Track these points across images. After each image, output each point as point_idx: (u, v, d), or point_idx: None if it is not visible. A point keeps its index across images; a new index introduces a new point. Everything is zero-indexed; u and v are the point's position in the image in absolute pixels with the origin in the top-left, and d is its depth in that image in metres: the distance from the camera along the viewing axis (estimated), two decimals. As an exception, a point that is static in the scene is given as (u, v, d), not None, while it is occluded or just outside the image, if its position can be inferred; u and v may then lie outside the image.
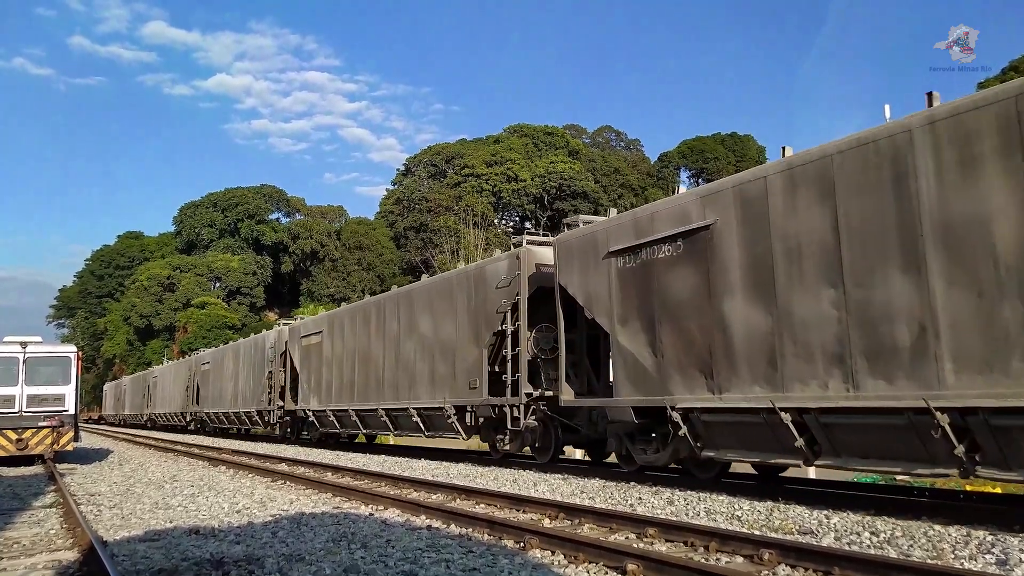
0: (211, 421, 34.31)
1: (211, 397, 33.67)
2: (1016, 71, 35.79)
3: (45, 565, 6.56)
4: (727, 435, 9.49)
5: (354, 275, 74.77)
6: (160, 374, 45.47)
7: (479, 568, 5.91)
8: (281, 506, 9.80)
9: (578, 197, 69.73)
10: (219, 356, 33.66)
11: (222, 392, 32.02)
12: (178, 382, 39.58)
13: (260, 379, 27.24)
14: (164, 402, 42.80)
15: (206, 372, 34.62)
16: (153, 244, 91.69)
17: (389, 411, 17.96)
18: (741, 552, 6.18)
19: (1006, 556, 5.69)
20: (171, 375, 42.01)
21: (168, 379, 42.56)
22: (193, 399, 36.01)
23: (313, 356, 22.95)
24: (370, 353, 19.30)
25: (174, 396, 40.27)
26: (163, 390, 43.49)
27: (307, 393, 22.93)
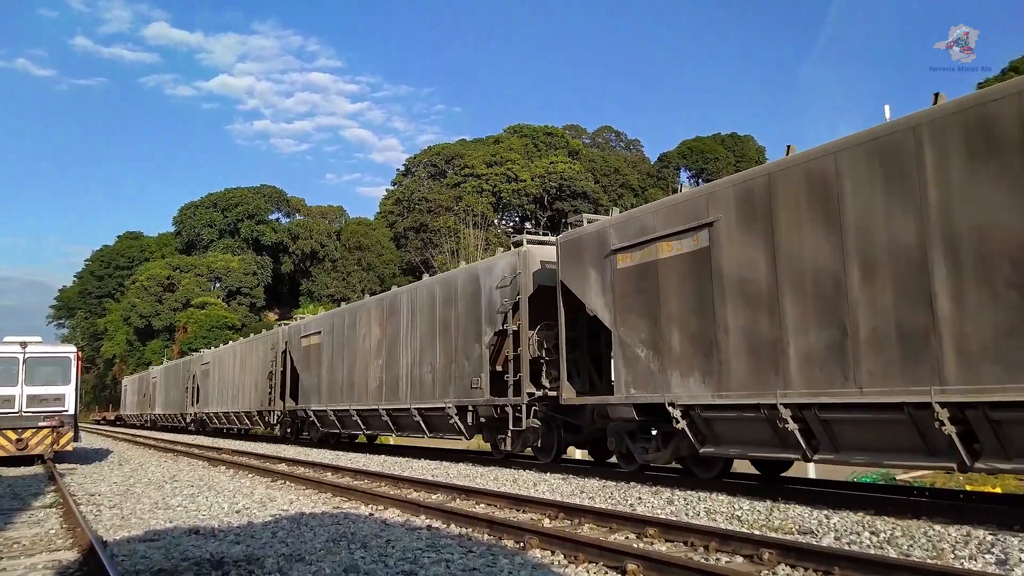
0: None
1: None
2: (1016, 71, 35.79)
3: (45, 565, 6.56)
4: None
5: (354, 275, 74.77)
6: (215, 360, 33.77)
7: (479, 568, 5.91)
8: (281, 506, 9.80)
9: (578, 197, 69.71)
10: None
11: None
12: (247, 369, 28.79)
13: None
14: (224, 398, 31.63)
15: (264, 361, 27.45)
16: (153, 244, 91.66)
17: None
18: (741, 552, 6.18)
19: (1006, 556, 5.68)
20: (235, 359, 30.67)
21: (229, 366, 31.27)
22: (276, 394, 25.54)
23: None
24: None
25: (241, 389, 29.37)
26: (221, 381, 32.41)
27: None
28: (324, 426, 22.11)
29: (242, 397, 28.81)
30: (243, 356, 29.33)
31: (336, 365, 21.09)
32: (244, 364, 29.01)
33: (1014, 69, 37.97)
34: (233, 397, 29.96)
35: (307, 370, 23.08)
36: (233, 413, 29.84)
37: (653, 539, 6.92)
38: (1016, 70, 37.00)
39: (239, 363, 29.65)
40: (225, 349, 33.34)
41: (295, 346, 24.29)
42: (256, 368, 27.47)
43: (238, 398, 29.27)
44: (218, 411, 31.94)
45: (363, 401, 19.20)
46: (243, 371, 28.97)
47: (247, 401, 28.11)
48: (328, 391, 21.35)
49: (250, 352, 28.61)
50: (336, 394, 20.81)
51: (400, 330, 17.75)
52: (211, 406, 33.06)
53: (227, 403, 30.72)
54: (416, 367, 16.83)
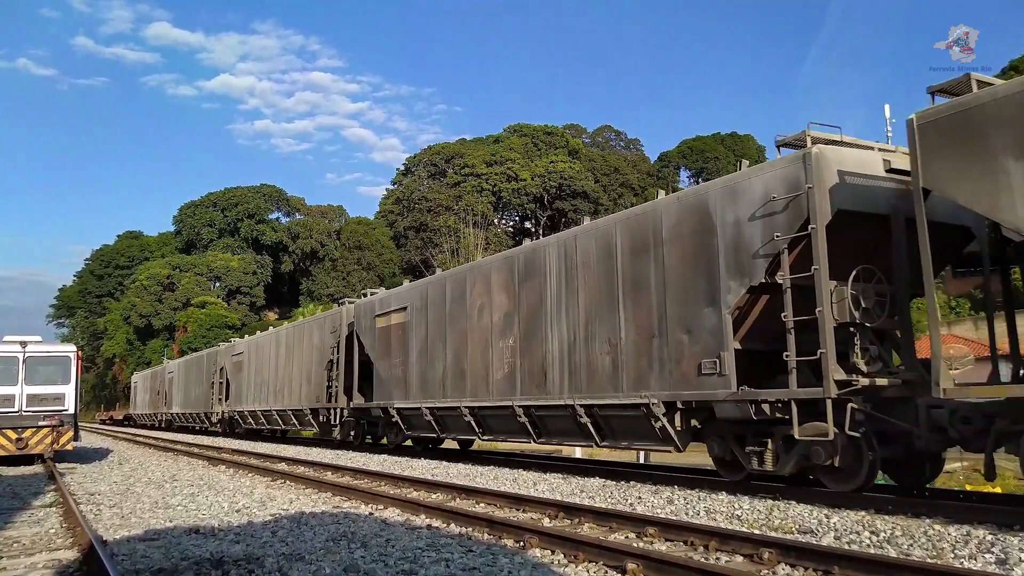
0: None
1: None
2: (1016, 71, 35.80)
3: (45, 564, 6.56)
4: None
5: (354, 275, 74.77)
6: (252, 349, 29.17)
7: (479, 567, 5.91)
8: (281, 505, 9.80)
9: (578, 197, 69.70)
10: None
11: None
12: (296, 358, 24.21)
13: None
14: (263, 394, 26.96)
15: None
16: (153, 244, 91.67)
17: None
18: (741, 551, 6.18)
19: (1006, 555, 5.69)
20: (278, 348, 26.09)
21: (271, 356, 26.61)
22: (339, 388, 21.03)
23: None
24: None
25: (287, 383, 24.58)
26: (259, 375, 27.63)
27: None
28: (412, 428, 17.67)
29: (288, 392, 24.36)
30: (290, 343, 25.00)
31: (434, 349, 16.22)
32: (291, 353, 24.80)
33: (1014, 68, 37.99)
34: (276, 392, 25.58)
35: (386, 357, 18.16)
36: (276, 412, 25.42)
37: (653, 538, 6.92)
38: (1016, 70, 37.00)
39: (284, 352, 25.44)
40: (265, 336, 28.77)
41: (366, 328, 19.38)
42: (308, 357, 23.04)
43: (283, 394, 24.89)
44: (254, 409, 27.50)
45: (480, 396, 14.53)
46: (289, 361, 24.85)
47: (295, 397, 23.67)
48: (420, 384, 16.68)
49: (300, 338, 24.15)
50: (433, 387, 16.15)
51: (546, 298, 12.91)
52: (245, 403, 28.75)
53: (267, 400, 26.34)
54: (579, 347, 12.04)
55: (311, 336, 23.33)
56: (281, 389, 25.18)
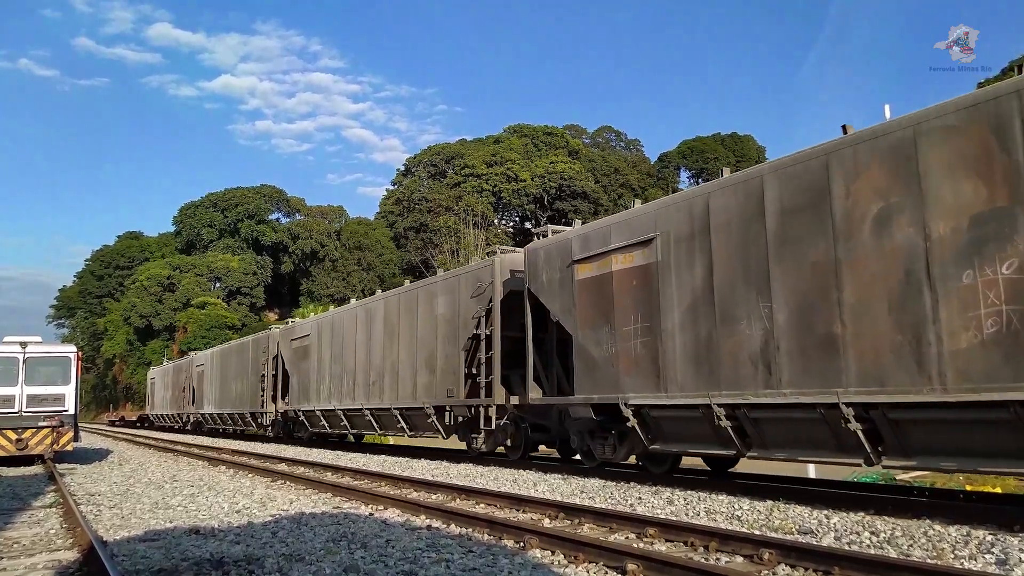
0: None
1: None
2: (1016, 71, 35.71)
3: (45, 565, 6.56)
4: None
5: (354, 275, 74.80)
6: (326, 330, 22.56)
7: (479, 568, 5.90)
8: (281, 506, 9.80)
9: (578, 197, 69.73)
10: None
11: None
12: (410, 337, 17.70)
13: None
14: (348, 388, 20.54)
15: None
16: (153, 244, 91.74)
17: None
18: (741, 552, 6.18)
19: (1006, 556, 5.68)
20: (369, 325, 19.86)
21: (358, 338, 20.36)
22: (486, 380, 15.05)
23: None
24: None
25: (391, 372, 18.32)
26: (338, 362, 21.36)
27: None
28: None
29: (392, 385, 18.04)
30: (393, 317, 18.35)
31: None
32: (397, 330, 18.07)
33: (1014, 68, 37.91)
34: (369, 386, 19.15)
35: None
36: (371, 411, 18.99)
37: (653, 539, 6.91)
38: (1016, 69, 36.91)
39: (382, 329, 18.85)
40: (344, 312, 21.66)
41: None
42: (431, 333, 16.67)
43: (380, 387, 18.59)
44: (331, 408, 21.19)
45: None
46: (392, 342, 18.23)
47: (405, 390, 17.37)
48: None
49: (413, 308, 17.45)
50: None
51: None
52: (314, 400, 22.55)
53: (350, 395, 20.34)
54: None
55: (435, 304, 16.53)
56: (377, 381, 18.75)
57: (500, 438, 14.94)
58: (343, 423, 20.92)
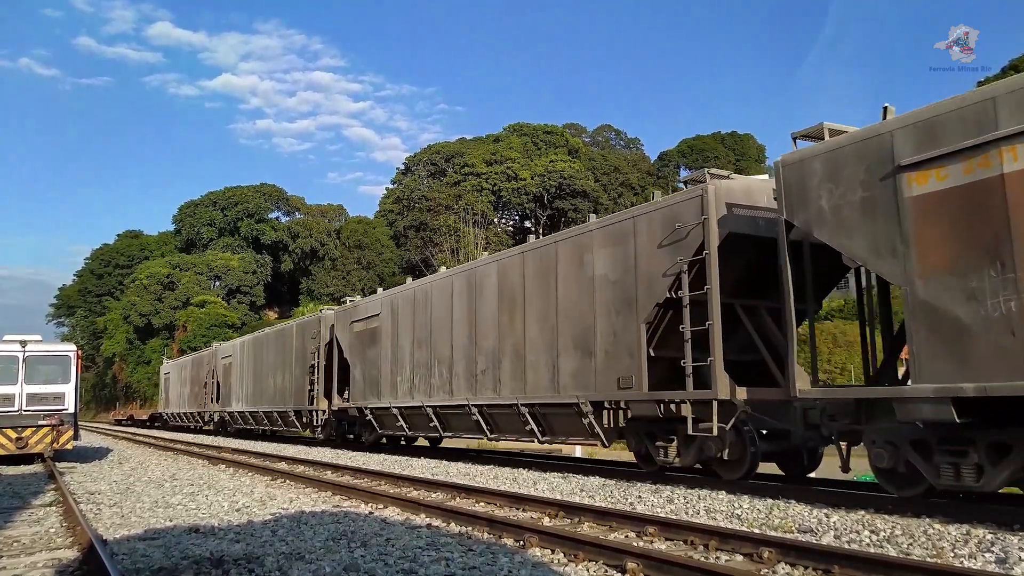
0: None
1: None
2: (1016, 70, 35.79)
3: (45, 563, 6.56)
4: None
5: (354, 274, 74.79)
6: (401, 307, 18.14)
7: (479, 567, 5.91)
8: (281, 504, 9.80)
9: (578, 196, 69.71)
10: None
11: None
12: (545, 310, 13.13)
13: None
14: (437, 378, 16.27)
15: None
16: (153, 243, 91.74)
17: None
18: (741, 551, 6.18)
19: (1006, 554, 5.69)
20: (470, 295, 15.37)
21: (455, 314, 15.83)
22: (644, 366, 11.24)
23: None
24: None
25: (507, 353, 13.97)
26: (423, 350, 16.97)
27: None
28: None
29: (533, 373, 13.14)
30: (513, 283, 13.88)
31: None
32: (520, 302, 13.61)
33: (1014, 68, 37.98)
34: (472, 377, 14.78)
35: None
36: (478, 408, 14.57)
37: (653, 538, 6.92)
38: (1016, 69, 36.99)
39: (493, 298, 14.42)
40: (435, 282, 16.90)
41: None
42: (575, 302, 12.31)
43: (490, 376, 14.22)
44: (413, 405, 16.78)
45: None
46: (514, 316, 13.77)
47: (540, 379, 12.93)
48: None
49: (548, 270, 13.02)
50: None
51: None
52: (385, 396, 18.13)
53: (440, 389, 15.90)
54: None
55: (588, 260, 12.01)
56: (489, 369, 14.28)
57: (712, 448, 10.12)
58: (432, 423, 16.15)
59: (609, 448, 12.85)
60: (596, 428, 11.61)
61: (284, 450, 20.77)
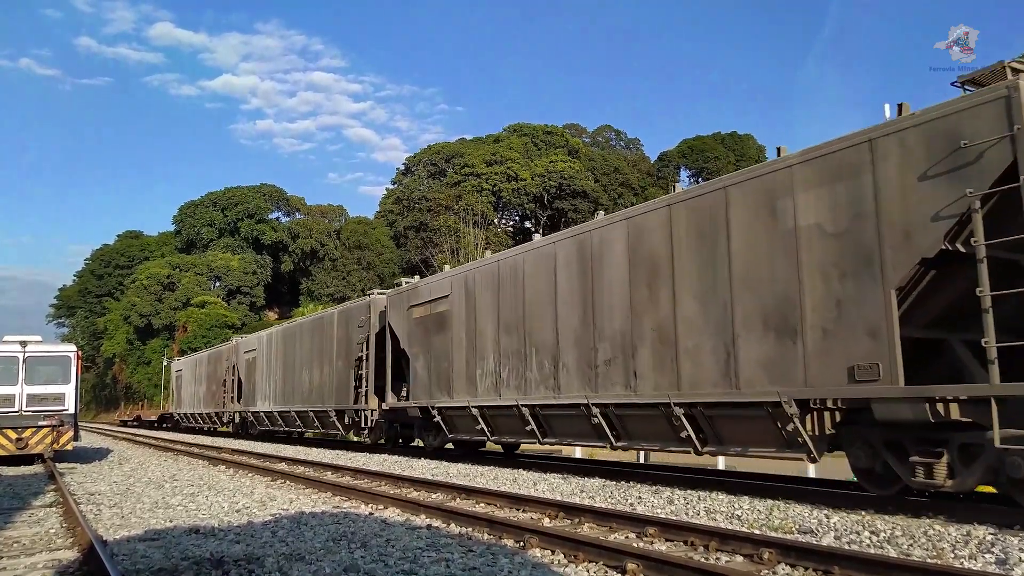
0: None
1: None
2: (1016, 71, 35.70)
3: (45, 564, 6.56)
4: None
5: (354, 274, 74.79)
6: (483, 280, 14.78)
7: (479, 567, 5.91)
8: (281, 505, 9.80)
9: (578, 196, 69.70)
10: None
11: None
12: None
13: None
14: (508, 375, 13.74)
15: None
16: (153, 243, 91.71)
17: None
18: (741, 551, 6.18)
19: (1006, 555, 5.68)
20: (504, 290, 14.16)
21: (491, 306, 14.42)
22: None
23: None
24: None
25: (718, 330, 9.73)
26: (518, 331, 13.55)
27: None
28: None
29: (696, 359, 10.05)
30: (709, 232, 9.93)
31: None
32: (692, 265, 10.41)
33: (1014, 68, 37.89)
34: (595, 369, 11.74)
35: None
36: (606, 408, 11.46)
37: (653, 538, 6.92)
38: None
39: (647, 270, 10.94)
40: (533, 251, 13.61)
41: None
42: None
43: (643, 365, 10.83)
44: (516, 402, 13.28)
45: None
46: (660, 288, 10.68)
47: (721, 367, 9.81)
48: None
49: (751, 212, 9.74)
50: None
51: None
52: (466, 392, 15.05)
53: (566, 384, 12.32)
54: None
55: (779, 206, 8.91)
56: (613, 359, 11.27)
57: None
58: (528, 426, 13.11)
59: (817, 461, 9.00)
60: (802, 436, 8.41)
61: (284, 451, 20.76)
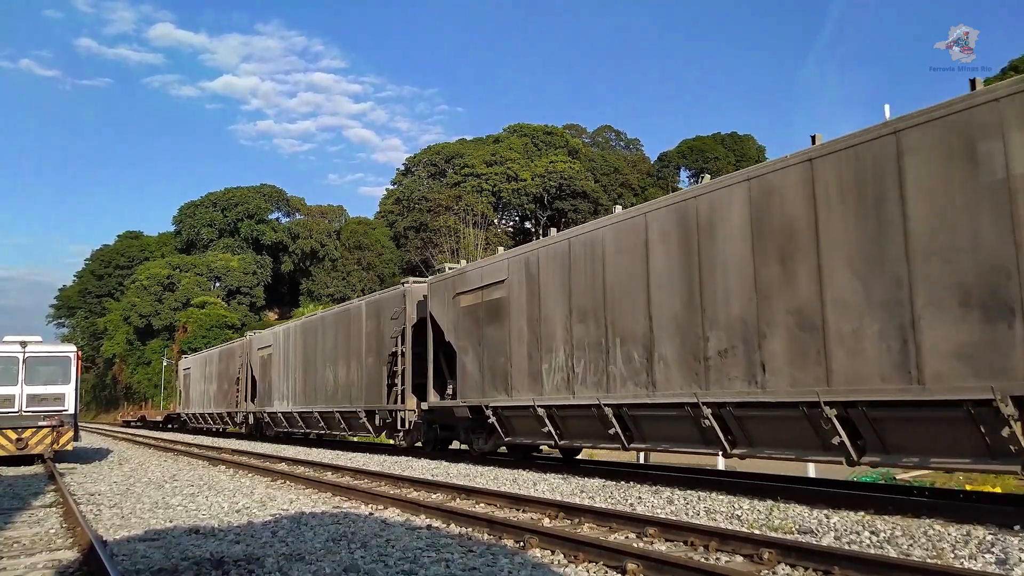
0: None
1: None
2: (1016, 70, 35.81)
3: (45, 564, 6.56)
4: None
5: (354, 275, 74.82)
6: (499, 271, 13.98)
7: (479, 567, 5.91)
8: (281, 505, 9.80)
9: (578, 196, 69.73)
10: None
11: None
12: None
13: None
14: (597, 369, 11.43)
15: None
16: (153, 244, 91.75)
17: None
18: (741, 551, 6.18)
19: (1006, 555, 5.68)
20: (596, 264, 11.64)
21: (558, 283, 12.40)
22: None
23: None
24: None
25: None
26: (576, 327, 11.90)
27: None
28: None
29: None
30: None
31: None
32: None
33: (1014, 68, 37.98)
34: (755, 354, 9.03)
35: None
36: (715, 407, 9.41)
37: (653, 539, 6.91)
38: (1016, 69, 37.01)
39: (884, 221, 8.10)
40: (578, 235, 12.20)
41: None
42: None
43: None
44: (570, 403, 11.97)
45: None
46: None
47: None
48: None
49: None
50: None
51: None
52: (530, 387, 12.94)
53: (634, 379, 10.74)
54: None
55: (982, 150, 6.89)
56: (730, 349, 9.35)
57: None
58: (612, 429, 11.02)
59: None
60: (1020, 442, 6.65)
61: (284, 451, 20.73)
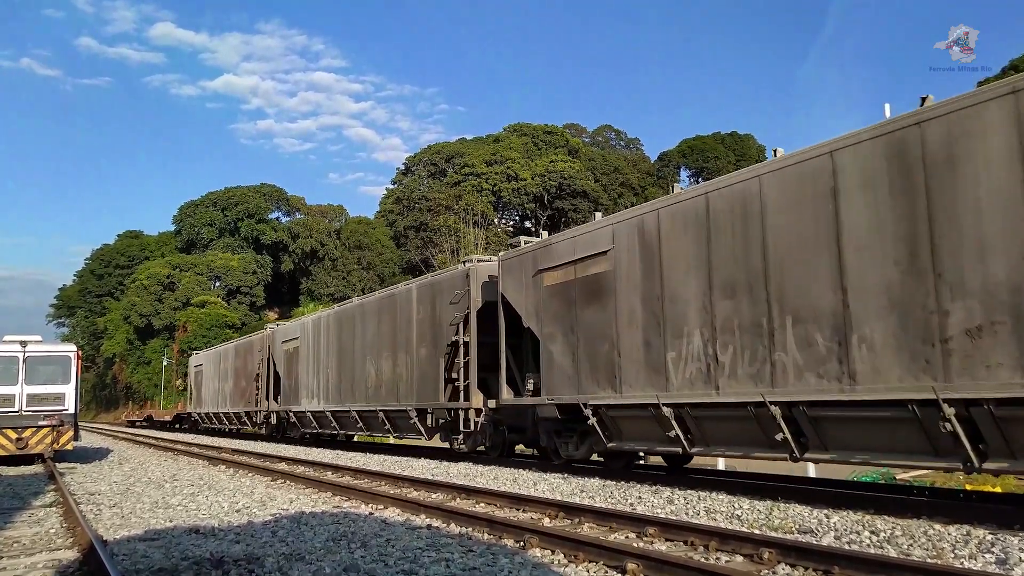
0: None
1: None
2: (1016, 70, 35.80)
3: (45, 564, 6.56)
4: None
5: (354, 274, 74.81)
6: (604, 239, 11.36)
7: (479, 567, 5.91)
8: (281, 505, 9.80)
9: (578, 196, 69.70)
10: None
11: None
12: None
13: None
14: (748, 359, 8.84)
15: None
16: (153, 243, 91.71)
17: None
18: (741, 551, 6.18)
19: (1006, 555, 5.68)
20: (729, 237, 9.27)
21: None
22: None
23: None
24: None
25: None
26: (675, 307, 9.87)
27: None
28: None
29: None
30: None
31: None
32: None
33: (1014, 68, 37.98)
34: None
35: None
36: None
37: (653, 538, 6.92)
38: (1016, 69, 37.00)
39: None
40: (716, 189, 9.58)
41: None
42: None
43: None
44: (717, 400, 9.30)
45: None
46: None
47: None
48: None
49: None
50: None
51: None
52: (624, 385, 10.86)
53: (831, 372, 7.88)
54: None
55: None
56: None
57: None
58: (779, 435, 8.55)
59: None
60: None
61: (284, 451, 20.73)
